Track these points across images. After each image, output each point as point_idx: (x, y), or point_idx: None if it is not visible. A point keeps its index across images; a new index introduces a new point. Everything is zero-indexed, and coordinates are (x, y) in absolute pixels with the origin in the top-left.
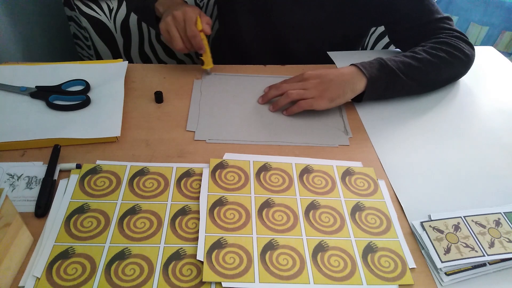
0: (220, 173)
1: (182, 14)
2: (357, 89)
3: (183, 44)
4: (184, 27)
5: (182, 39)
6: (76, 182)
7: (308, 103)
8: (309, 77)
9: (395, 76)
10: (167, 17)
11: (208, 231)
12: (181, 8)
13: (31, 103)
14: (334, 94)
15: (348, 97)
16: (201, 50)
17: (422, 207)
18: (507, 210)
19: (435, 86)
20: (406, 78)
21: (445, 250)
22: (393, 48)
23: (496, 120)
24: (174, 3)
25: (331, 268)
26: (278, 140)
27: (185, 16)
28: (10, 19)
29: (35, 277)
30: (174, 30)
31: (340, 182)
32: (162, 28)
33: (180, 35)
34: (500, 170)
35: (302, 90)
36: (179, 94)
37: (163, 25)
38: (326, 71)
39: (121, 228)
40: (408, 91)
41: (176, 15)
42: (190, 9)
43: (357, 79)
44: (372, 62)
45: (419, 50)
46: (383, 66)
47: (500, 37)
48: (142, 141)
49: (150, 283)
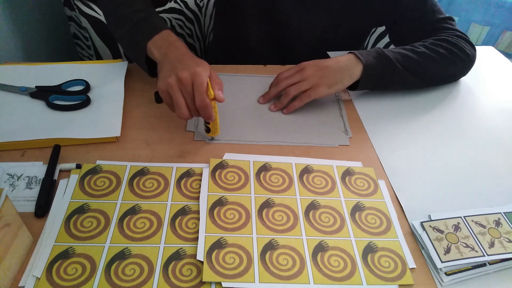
0: (220, 173)
1: (190, 77)
2: (354, 74)
3: (188, 113)
4: (191, 93)
5: (188, 107)
6: (76, 182)
7: (307, 95)
8: (306, 66)
9: (392, 66)
10: (170, 78)
11: (208, 231)
12: (188, 67)
13: (31, 103)
14: (331, 81)
15: (346, 83)
16: (210, 120)
17: (422, 207)
18: (507, 210)
19: (432, 81)
20: (403, 68)
21: (445, 250)
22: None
23: (497, 120)
24: (174, 47)
25: (331, 268)
26: (278, 140)
27: (194, 80)
28: (10, 19)
29: (35, 277)
30: (179, 97)
31: (340, 182)
32: (162, 89)
33: (186, 102)
34: (500, 170)
35: (300, 82)
36: None
37: (163, 86)
38: (323, 60)
39: (121, 228)
40: (405, 82)
41: (183, 79)
42: (200, 69)
43: (353, 65)
44: (370, 50)
45: (418, 45)
46: (380, 55)
47: (501, 37)
48: (142, 141)
49: (150, 283)
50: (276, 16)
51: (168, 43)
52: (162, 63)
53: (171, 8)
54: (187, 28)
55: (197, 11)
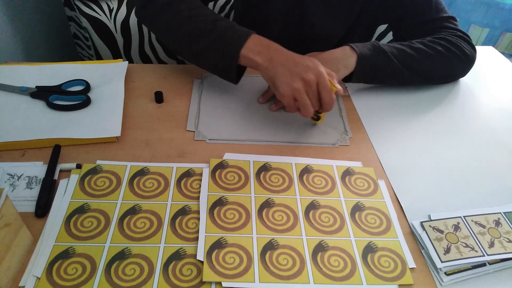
0: (220, 173)
1: (315, 78)
2: (349, 65)
3: (313, 111)
4: (315, 91)
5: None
6: (76, 182)
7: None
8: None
9: (386, 58)
10: (295, 82)
11: (208, 231)
12: (309, 68)
13: (31, 103)
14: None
15: (342, 73)
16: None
17: (422, 207)
18: (507, 210)
19: (428, 78)
20: (398, 62)
21: (445, 250)
22: None
23: (496, 120)
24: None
25: (331, 268)
26: (278, 140)
27: (319, 80)
28: (10, 19)
29: (35, 277)
30: (306, 98)
31: (340, 182)
32: (288, 95)
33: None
34: (500, 170)
35: None
36: (179, 94)
37: (289, 92)
38: (317, 53)
39: (121, 228)
40: (400, 77)
41: (310, 81)
42: (321, 68)
43: (348, 56)
44: (365, 43)
45: (416, 41)
46: (376, 47)
47: (501, 38)
48: (142, 141)
49: (150, 283)
50: (303, 16)
51: (265, 47)
52: (271, 69)
53: None
54: None
55: None
